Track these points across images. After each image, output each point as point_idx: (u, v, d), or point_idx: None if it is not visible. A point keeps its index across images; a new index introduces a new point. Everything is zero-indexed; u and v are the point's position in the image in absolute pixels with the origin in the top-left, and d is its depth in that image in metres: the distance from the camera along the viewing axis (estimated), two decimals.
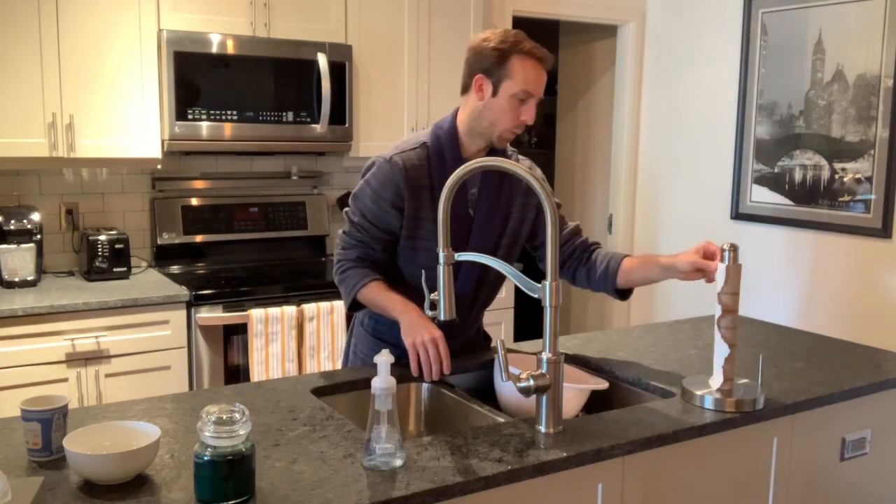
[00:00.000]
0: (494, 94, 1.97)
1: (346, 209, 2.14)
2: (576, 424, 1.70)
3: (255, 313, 3.16)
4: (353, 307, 2.12)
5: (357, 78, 3.68)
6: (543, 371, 1.66)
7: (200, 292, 3.15)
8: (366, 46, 3.70)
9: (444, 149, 2.05)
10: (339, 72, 3.56)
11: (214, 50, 3.29)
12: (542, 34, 5.94)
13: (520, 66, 1.94)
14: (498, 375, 1.99)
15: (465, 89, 2.05)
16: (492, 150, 2.10)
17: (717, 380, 1.85)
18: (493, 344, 2.41)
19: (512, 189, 2.12)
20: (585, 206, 5.08)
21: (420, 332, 1.95)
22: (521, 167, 1.69)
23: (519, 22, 4.37)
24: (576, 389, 1.92)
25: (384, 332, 2.17)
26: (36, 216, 3.22)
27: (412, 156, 2.04)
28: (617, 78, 4.73)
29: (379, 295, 2.04)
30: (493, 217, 2.10)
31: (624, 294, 2.21)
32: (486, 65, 1.96)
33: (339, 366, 3.30)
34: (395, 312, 2.01)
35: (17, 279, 3.12)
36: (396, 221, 2.05)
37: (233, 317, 3.17)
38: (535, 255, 2.26)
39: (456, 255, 1.78)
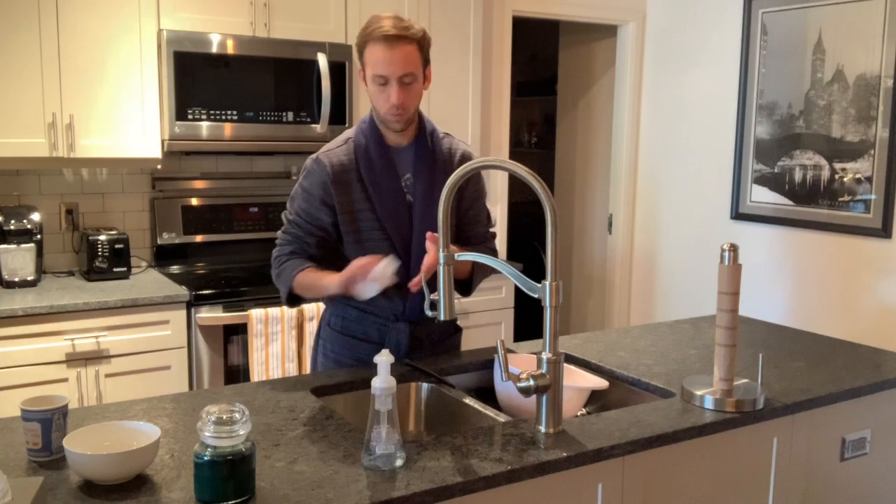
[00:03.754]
0: (367, 83, 2.08)
1: (284, 211, 2.22)
2: (576, 424, 1.70)
3: (255, 313, 3.16)
4: (291, 299, 2.16)
5: (357, 78, 3.68)
6: (543, 371, 1.66)
7: (200, 292, 3.15)
8: None
9: (368, 140, 2.12)
10: (339, 72, 3.56)
11: (214, 50, 3.29)
12: (542, 34, 5.95)
13: (370, 52, 2.03)
14: (498, 375, 1.99)
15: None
16: (420, 135, 2.15)
17: (717, 380, 1.85)
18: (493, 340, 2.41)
19: (445, 169, 2.13)
20: (585, 206, 5.08)
21: (352, 282, 1.95)
22: (522, 167, 1.69)
23: (519, 22, 4.37)
24: (576, 389, 1.92)
25: (354, 329, 2.20)
26: (36, 216, 3.22)
27: (338, 153, 2.12)
28: (617, 78, 4.73)
29: (311, 276, 2.08)
30: (432, 199, 2.10)
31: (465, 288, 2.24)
32: (359, 57, 2.08)
33: None
34: (331, 286, 2.02)
35: (17, 279, 3.12)
36: (328, 218, 2.12)
37: (233, 317, 3.17)
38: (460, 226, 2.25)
39: (456, 255, 1.79)
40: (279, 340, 3.20)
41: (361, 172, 2.10)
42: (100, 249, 3.27)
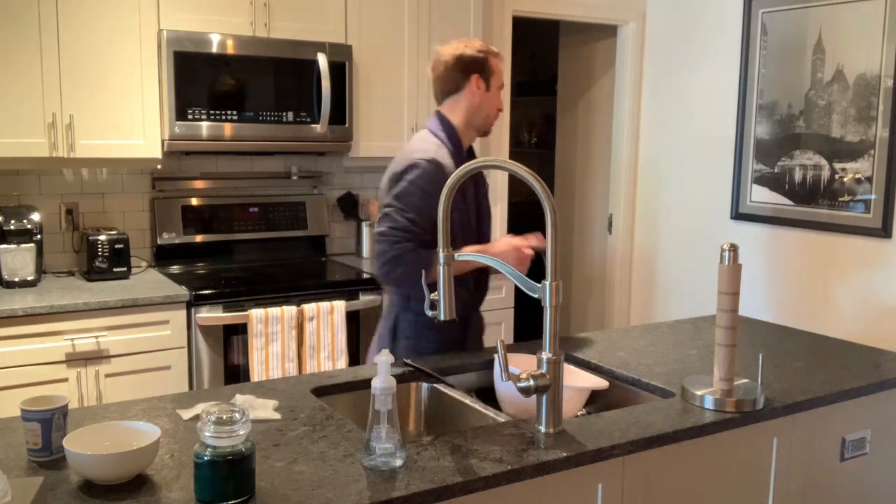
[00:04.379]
0: (487, 89, 2.37)
1: (388, 209, 2.25)
2: (576, 424, 1.70)
3: (255, 313, 3.16)
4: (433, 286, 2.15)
5: (357, 78, 3.68)
6: (543, 371, 1.66)
7: (200, 292, 3.15)
8: (366, 46, 3.70)
9: (454, 147, 2.36)
10: (339, 72, 3.56)
11: (214, 50, 3.29)
12: (542, 34, 5.96)
13: (494, 64, 2.39)
14: (498, 375, 1.99)
15: (455, 91, 2.37)
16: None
17: (717, 380, 1.85)
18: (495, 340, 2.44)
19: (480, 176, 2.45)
20: (585, 206, 5.09)
21: (510, 255, 2.25)
22: (522, 167, 1.69)
23: (519, 22, 4.37)
24: (576, 389, 1.92)
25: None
26: (36, 216, 3.22)
27: (444, 154, 2.30)
28: (617, 78, 4.73)
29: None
30: (483, 204, 2.46)
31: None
32: (478, 67, 2.35)
33: (339, 365, 3.31)
34: (489, 253, 2.19)
35: (17, 279, 3.12)
36: (435, 215, 2.18)
37: (233, 317, 3.17)
38: None
39: (456, 255, 1.79)
40: (279, 340, 3.20)
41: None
42: (100, 249, 3.27)
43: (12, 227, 3.14)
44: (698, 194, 4.37)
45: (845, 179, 3.65)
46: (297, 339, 3.24)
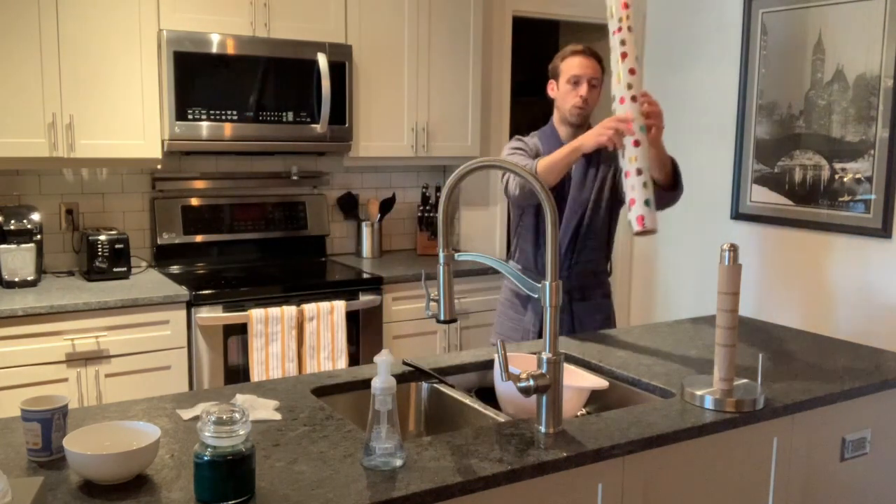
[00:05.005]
0: (557, 87, 2.71)
1: (510, 157, 2.63)
2: (576, 424, 1.70)
3: (255, 313, 3.16)
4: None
5: (357, 78, 3.68)
6: (543, 371, 1.66)
7: (200, 292, 3.15)
8: (366, 46, 3.70)
9: (549, 136, 2.72)
10: (339, 72, 3.56)
11: (214, 50, 3.29)
12: (542, 34, 5.96)
13: (567, 63, 2.69)
14: (498, 375, 1.99)
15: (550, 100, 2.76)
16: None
17: (717, 380, 1.85)
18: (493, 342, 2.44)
19: (601, 161, 2.72)
20: None
21: (595, 129, 2.44)
22: (522, 167, 1.69)
23: (519, 22, 4.37)
24: (576, 389, 1.92)
25: (520, 304, 2.75)
26: (36, 216, 3.22)
27: (534, 140, 2.72)
28: None
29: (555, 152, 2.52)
30: (584, 184, 2.70)
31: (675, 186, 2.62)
32: (552, 74, 2.73)
33: (339, 365, 3.31)
34: (574, 142, 2.48)
35: (17, 279, 3.12)
36: None
37: (233, 317, 3.17)
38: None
39: (456, 255, 1.79)
40: (279, 340, 3.20)
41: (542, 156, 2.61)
42: (100, 249, 3.27)
43: (12, 227, 3.14)
44: (698, 194, 4.37)
45: (845, 179, 3.65)
46: (297, 339, 3.24)
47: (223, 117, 3.33)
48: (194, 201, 3.67)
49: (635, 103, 2.39)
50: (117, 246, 3.30)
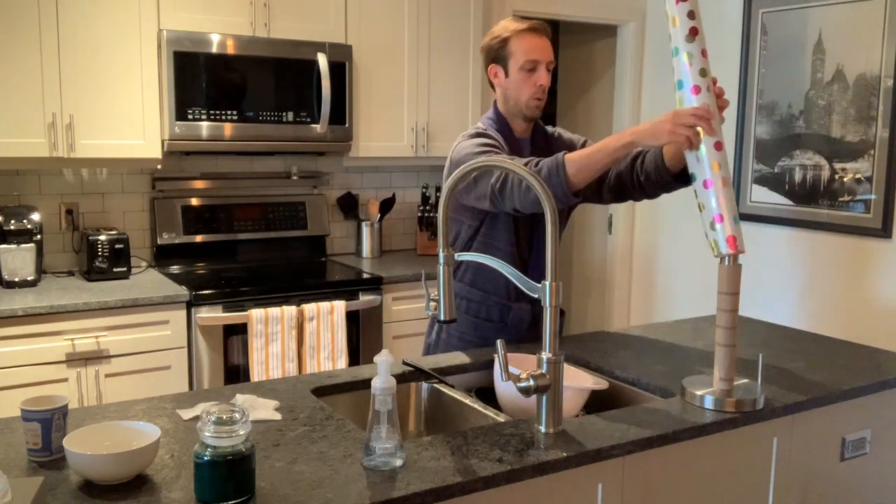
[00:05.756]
0: (507, 75, 2.24)
1: (469, 158, 2.10)
2: (576, 424, 1.70)
3: (255, 313, 3.16)
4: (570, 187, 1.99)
5: (357, 78, 3.68)
6: (543, 371, 1.66)
7: (200, 292, 3.15)
8: (366, 46, 3.70)
9: (499, 130, 2.28)
10: (339, 72, 3.56)
11: (214, 50, 3.29)
12: None
13: (517, 42, 2.20)
14: (498, 375, 1.99)
15: (490, 85, 2.32)
16: (536, 129, 2.34)
17: (717, 380, 1.85)
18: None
19: (560, 147, 2.28)
20: (585, 206, 5.08)
21: (662, 123, 1.88)
22: (520, 166, 1.69)
23: None
24: (576, 389, 1.92)
25: (477, 310, 2.32)
26: (36, 216, 3.22)
27: (491, 129, 2.26)
28: (617, 78, 4.73)
29: (588, 148, 2.00)
30: None
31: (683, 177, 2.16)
32: (491, 56, 2.26)
33: (339, 365, 3.31)
34: (623, 136, 1.94)
35: (17, 279, 3.12)
36: None
37: (233, 317, 3.17)
38: (603, 189, 2.29)
39: (456, 255, 1.79)
40: (279, 340, 3.20)
41: (504, 148, 2.21)
42: (100, 249, 3.27)
43: (12, 227, 3.14)
44: None
45: (845, 179, 3.65)
46: (297, 339, 3.24)
47: (223, 117, 3.33)
48: (194, 201, 3.67)
49: (711, 94, 1.90)
50: (117, 246, 3.30)
